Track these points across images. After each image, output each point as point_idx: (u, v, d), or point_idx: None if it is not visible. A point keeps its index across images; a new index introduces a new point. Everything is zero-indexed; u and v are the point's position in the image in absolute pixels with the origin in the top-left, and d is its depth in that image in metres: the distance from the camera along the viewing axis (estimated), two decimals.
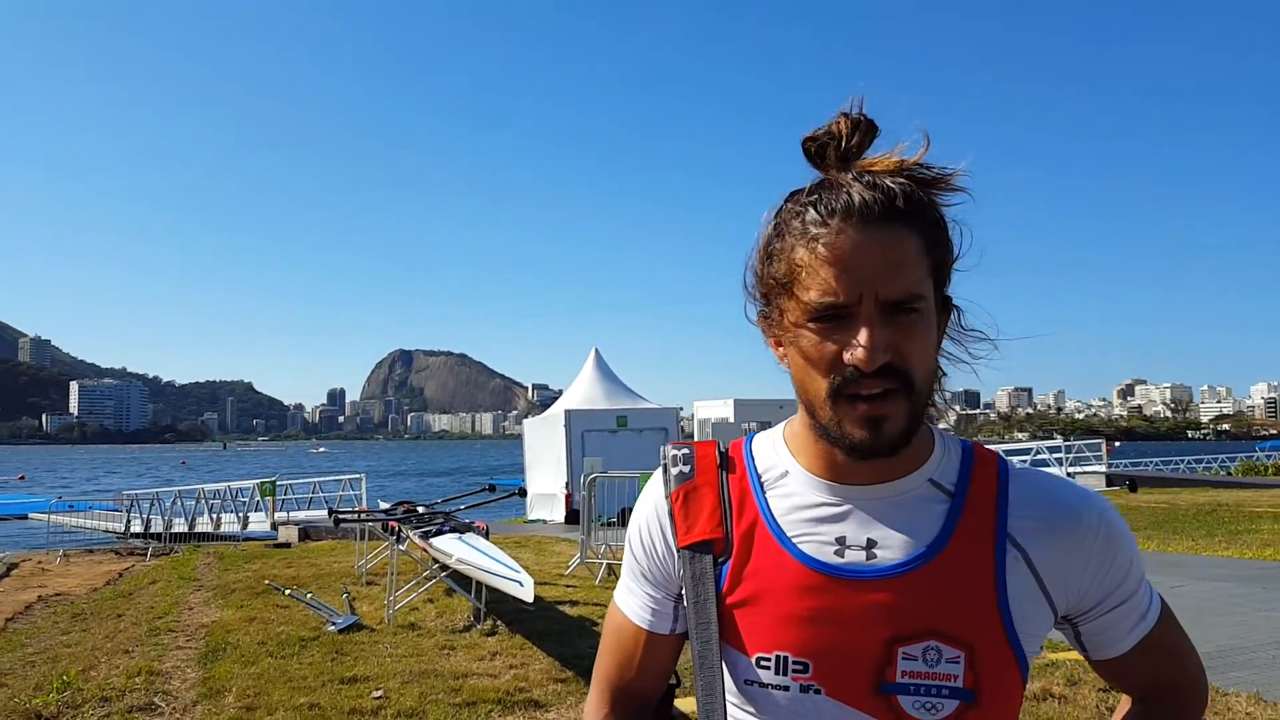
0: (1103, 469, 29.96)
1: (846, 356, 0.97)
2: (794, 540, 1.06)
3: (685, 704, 1.20)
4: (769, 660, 1.05)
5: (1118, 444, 40.64)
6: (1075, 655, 5.35)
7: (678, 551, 1.13)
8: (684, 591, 1.12)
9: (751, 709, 1.08)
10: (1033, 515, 1.05)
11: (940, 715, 1.01)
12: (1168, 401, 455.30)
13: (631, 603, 1.21)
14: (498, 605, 7.93)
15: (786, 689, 1.04)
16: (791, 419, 1.14)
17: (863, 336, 0.96)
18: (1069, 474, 29.19)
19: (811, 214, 1.00)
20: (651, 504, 1.18)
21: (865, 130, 1.03)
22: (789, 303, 1.02)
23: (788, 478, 1.10)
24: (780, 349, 1.07)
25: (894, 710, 1.01)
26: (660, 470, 1.18)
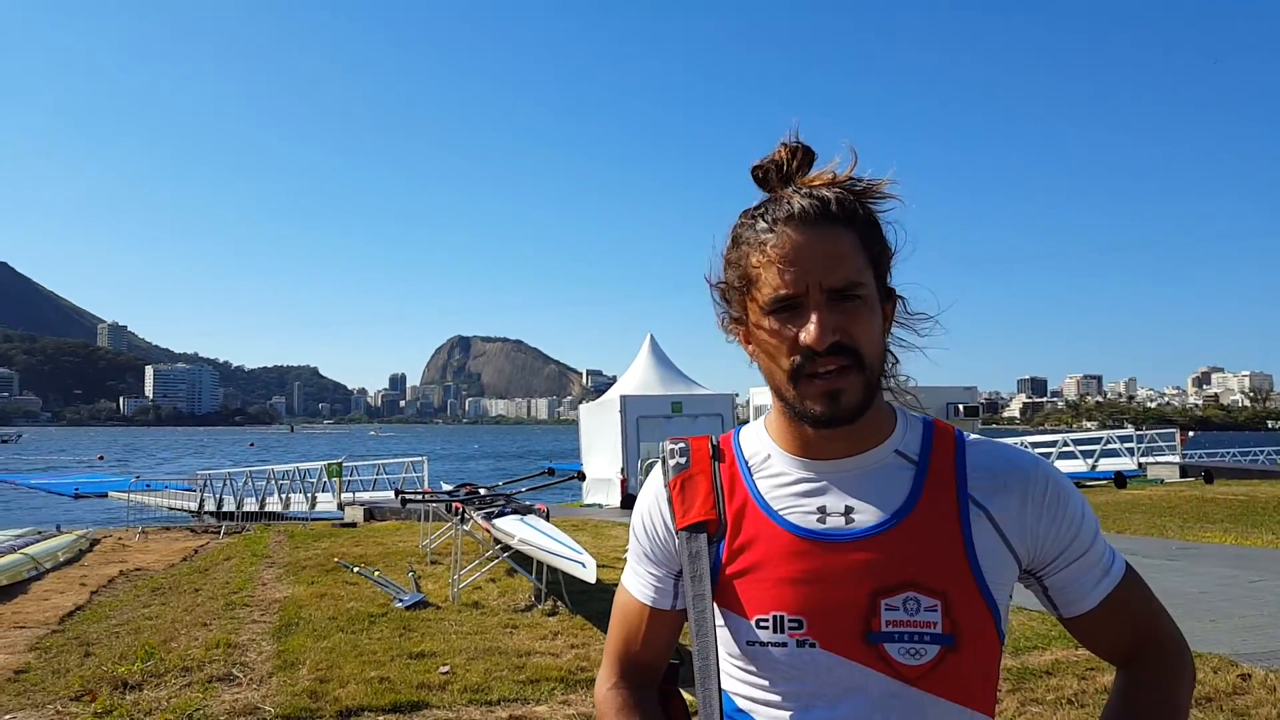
0: (1177, 459, 28.97)
1: (801, 339, 1.11)
2: (781, 513, 1.19)
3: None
4: (767, 621, 1.16)
5: (1192, 434, 39.36)
6: None
7: (676, 533, 1.26)
8: (683, 569, 1.25)
9: (754, 668, 1.19)
10: (988, 476, 1.18)
11: (924, 660, 1.12)
12: (1246, 390, 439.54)
13: (636, 583, 1.34)
14: (557, 586, 8.04)
15: (784, 645, 1.16)
16: (770, 411, 1.27)
17: (812, 320, 1.10)
18: (1140, 464, 28.44)
19: (760, 224, 1.17)
20: (652, 493, 1.32)
21: (803, 155, 1.19)
22: (750, 303, 1.18)
23: (770, 460, 1.24)
24: (750, 346, 1.21)
25: (883, 658, 1.13)
26: (660, 463, 1.33)
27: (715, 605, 1.22)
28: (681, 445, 1.32)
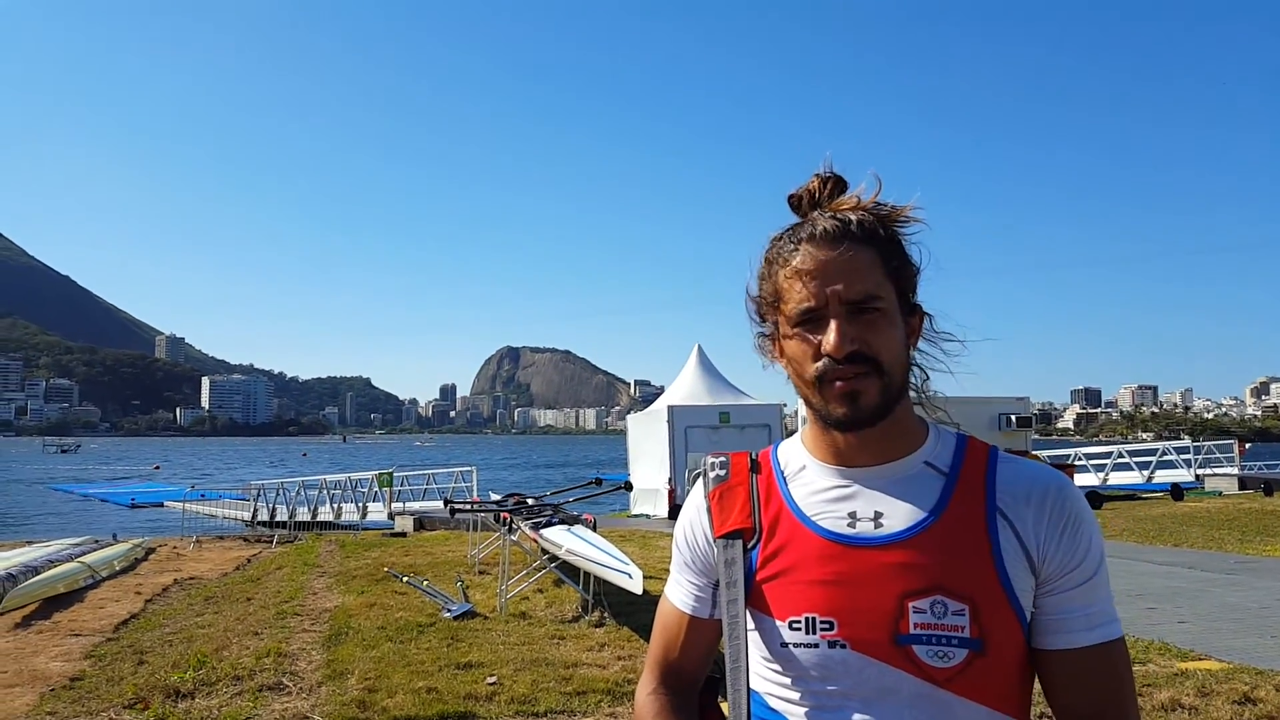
0: (1235, 471, 28.22)
1: (822, 347, 1.18)
2: (813, 519, 1.25)
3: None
4: (799, 622, 1.21)
5: (1249, 445, 38.31)
6: (1206, 665, 5.14)
7: (714, 541, 1.32)
8: (719, 575, 1.30)
9: (787, 669, 1.23)
10: (1015, 488, 1.22)
11: (953, 663, 1.15)
12: None
13: (676, 592, 1.40)
14: (604, 598, 8.02)
15: (816, 646, 1.19)
16: (807, 424, 1.33)
17: (832, 328, 1.18)
18: (1197, 476, 27.75)
19: (787, 245, 1.26)
20: (694, 505, 1.39)
21: (834, 185, 1.28)
22: (780, 319, 1.26)
23: (805, 470, 1.30)
24: (782, 359, 1.29)
25: (911, 659, 1.16)
26: (701, 477, 1.40)
27: (750, 609, 1.26)
28: (722, 459, 1.38)
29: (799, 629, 1.20)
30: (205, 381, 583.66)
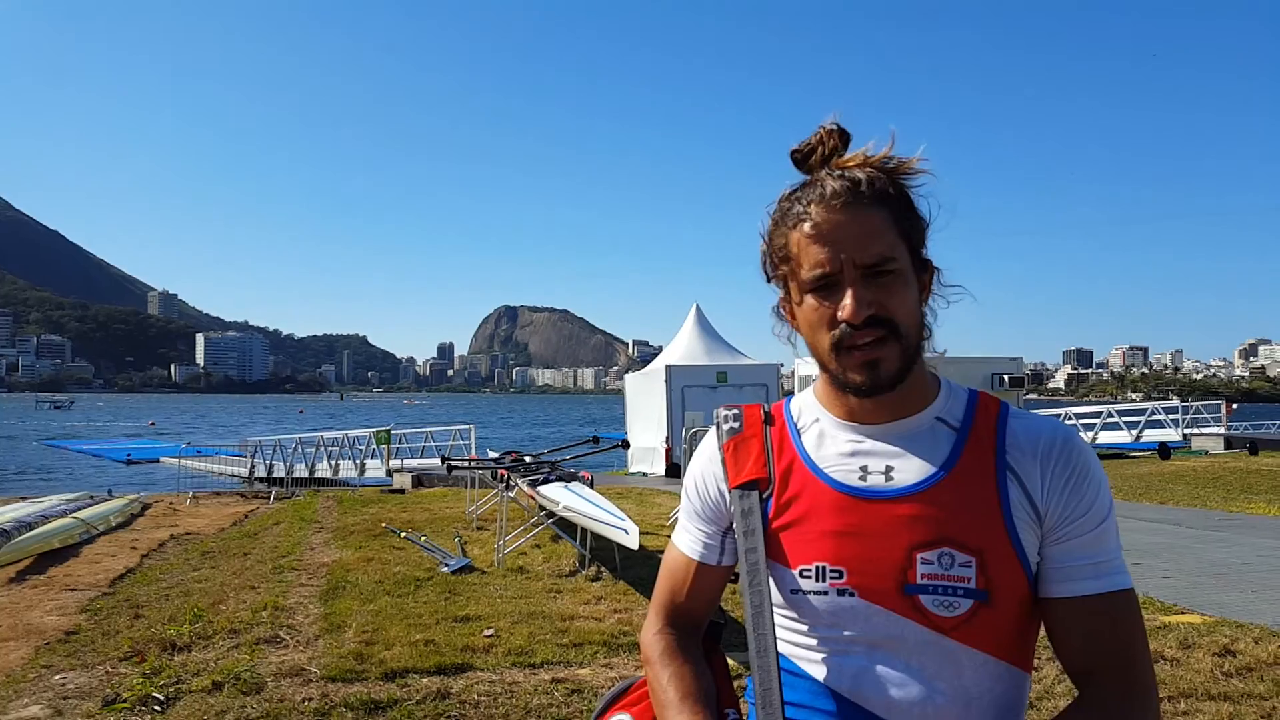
0: (1221, 431, 28.47)
1: (839, 314, 1.18)
2: (826, 471, 1.27)
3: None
4: (810, 570, 1.24)
5: (1236, 406, 38.61)
6: (1189, 619, 5.19)
7: (729, 492, 1.34)
8: (735, 524, 1.32)
9: (797, 616, 1.26)
10: (1024, 443, 1.23)
11: (958, 612, 1.18)
12: None
13: (685, 539, 1.42)
14: (601, 553, 8.09)
15: (825, 593, 1.23)
16: (819, 379, 1.34)
17: (849, 295, 1.17)
18: (1185, 435, 27.95)
19: (797, 207, 1.23)
20: (706, 455, 1.41)
21: (839, 138, 1.26)
22: (792, 283, 1.26)
23: (818, 423, 1.32)
24: (795, 322, 1.29)
25: (918, 608, 1.18)
26: (714, 428, 1.41)
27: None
28: (735, 411, 1.40)
29: (809, 577, 1.23)
30: (200, 338, 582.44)
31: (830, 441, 1.29)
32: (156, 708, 4.39)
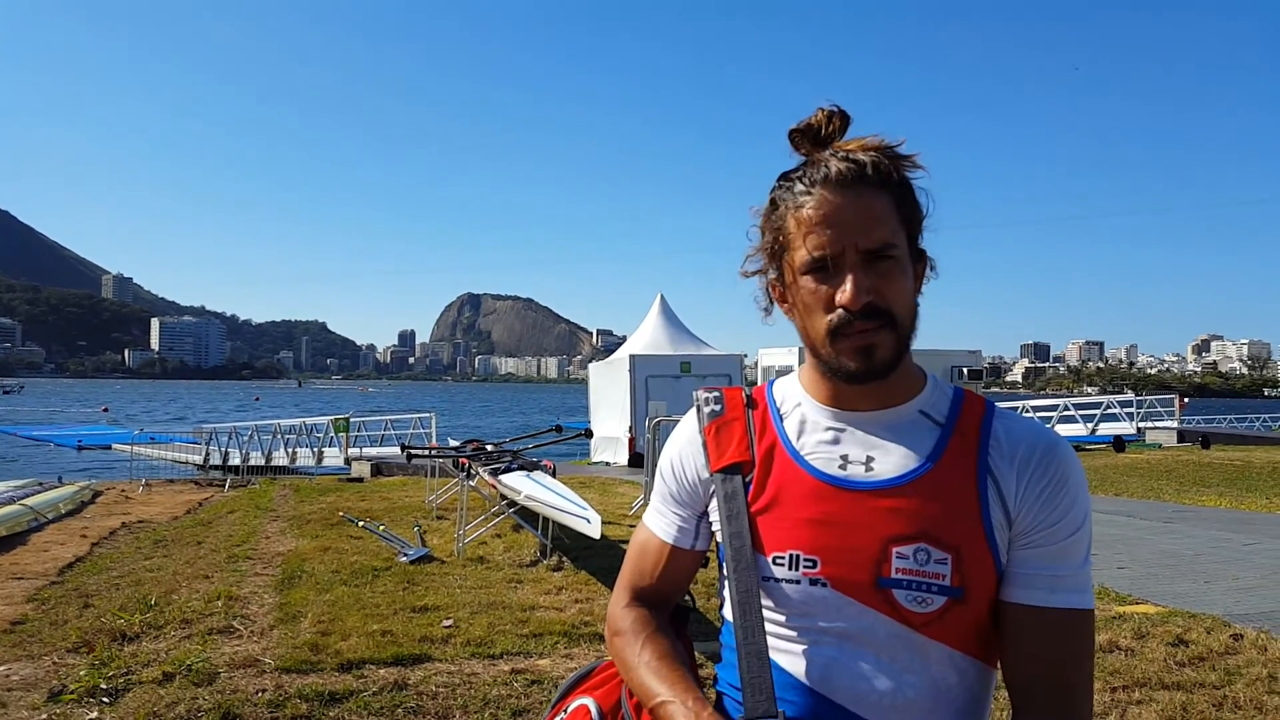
0: (1174, 425, 29.15)
1: (837, 299, 1.15)
2: (805, 457, 1.25)
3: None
4: (784, 558, 1.21)
5: (1189, 400, 39.56)
6: (1143, 609, 5.28)
7: (710, 475, 1.31)
8: (717, 509, 1.29)
9: (769, 603, 1.24)
10: (1008, 448, 1.21)
11: (931, 609, 1.16)
12: (1244, 358, 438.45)
13: (659, 522, 1.39)
14: (563, 542, 8.05)
15: (798, 582, 1.20)
16: (804, 364, 1.32)
17: (849, 281, 1.15)
18: (1139, 429, 28.52)
19: (799, 186, 1.20)
20: (685, 437, 1.38)
21: (840, 119, 1.23)
22: (786, 265, 1.22)
23: (800, 408, 1.30)
24: (785, 304, 1.27)
25: (890, 602, 1.17)
26: (694, 410, 1.38)
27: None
28: (716, 394, 1.38)
29: (783, 564, 1.21)
30: (155, 323, 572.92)
31: (811, 428, 1.27)
32: (105, 699, 4.29)
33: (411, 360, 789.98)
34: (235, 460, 23.31)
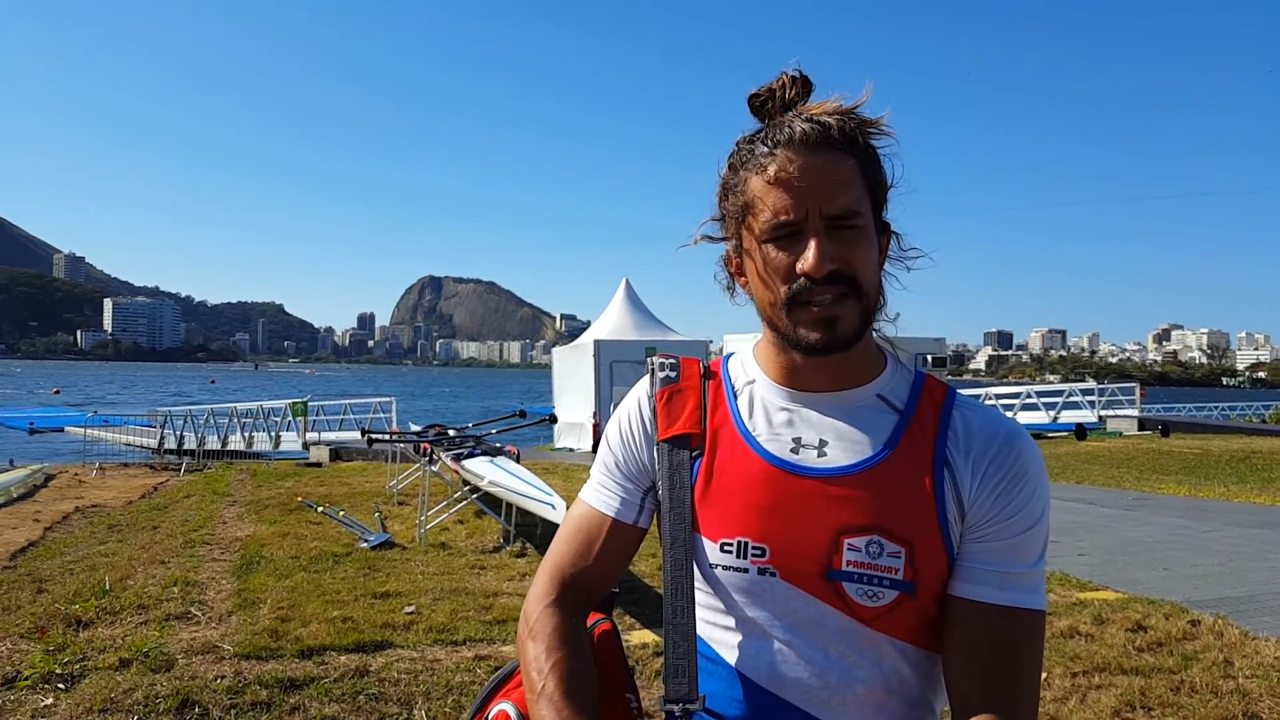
0: (1135, 413, 29.65)
1: (799, 267, 1.09)
2: (757, 439, 1.19)
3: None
4: (731, 545, 1.16)
5: (1149, 389, 40.30)
6: (1103, 595, 5.35)
7: (657, 445, 1.25)
8: (660, 482, 1.23)
9: (714, 592, 1.18)
10: (965, 437, 1.16)
11: (882, 602, 1.12)
12: (1204, 347, 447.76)
13: (599, 495, 1.29)
14: (526, 528, 8.00)
15: (745, 571, 1.15)
16: (760, 339, 1.25)
17: (811, 247, 1.08)
18: (1100, 417, 28.98)
19: (761, 147, 1.14)
20: (635, 402, 1.30)
21: (802, 85, 1.17)
22: (746, 231, 1.16)
23: (754, 385, 1.24)
24: (741, 278, 1.20)
25: (840, 595, 1.12)
26: (647, 375, 1.31)
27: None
28: (671, 361, 1.31)
29: (730, 552, 1.16)
30: (107, 303, 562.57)
31: (764, 407, 1.21)
32: (60, 686, 4.20)
33: (371, 343, 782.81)
34: (191, 444, 22.93)
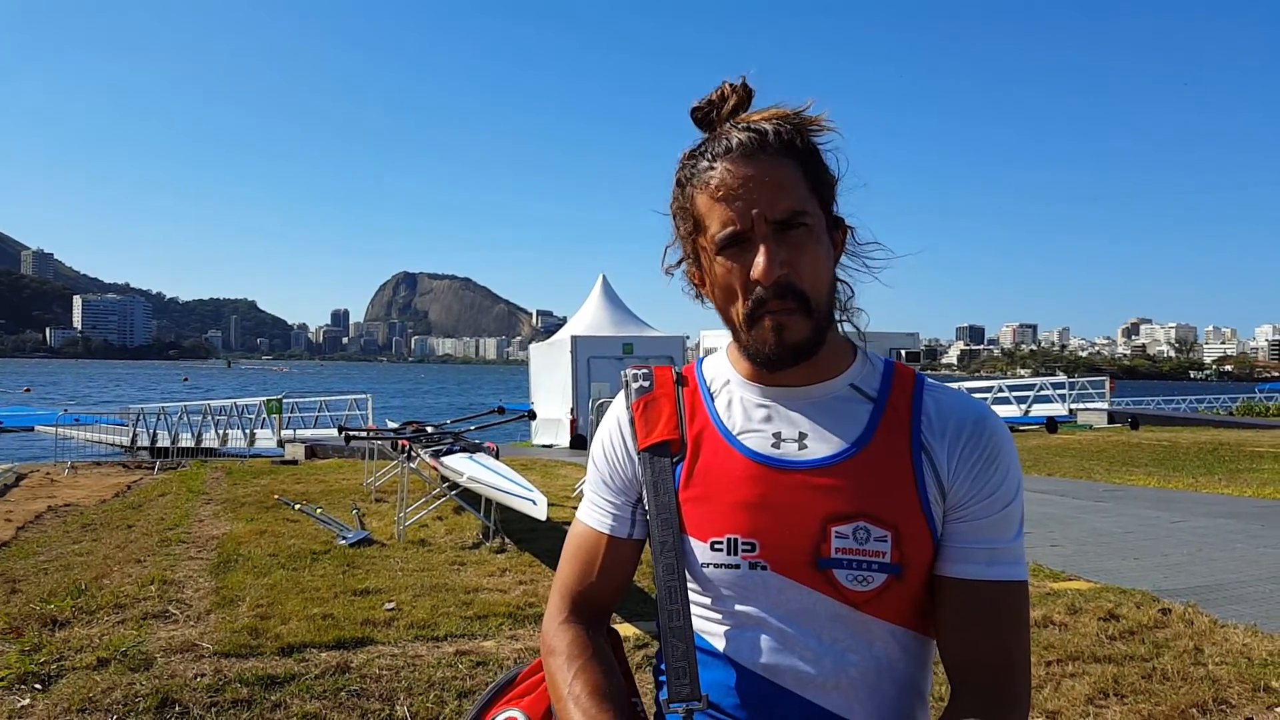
0: (1105, 406, 29.96)
1: (751, 274, 1.12)
2: (738, 437, 1.22)
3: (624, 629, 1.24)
4: (721, 543, 1.18)
5: (1118, 382, 40.72)
6: (1075, 585, 5.42)
7: (638, 455, 1.27)
8: (644, 491, 1.26)
9: (707, 590, 1.21)
10: (938, 419, 1.20)
11: (871, 586, 1.15)
12: (1172, 341, 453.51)
13: (593, 514, 1.33)
14: (505, 525, 8.00)
15: (737, 567, 1.18)
16: (731, 341, 1.28)
17: (760, 254, 1.11)
18: (1071, 410, 29.30)
19: (702, 162, 1.17)
20: (614, 417, 1.34)
21: (742, 94, 1.20)
22: (701, 246, 1.19)
23: (730, 386, 1.27)
24: (705, 288, 1.23)
25: (831, 582, 1.15)
26: (623, 389, 1.34)
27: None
28: (645, 370, 1.34)
29: (720, 550, 1.18)
30: (77, 301, 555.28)
31: (741, 406, 1.24)
32: (37, 686, 4.16)
33: (345, 340, 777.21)
34: (164, 442, 22.73)
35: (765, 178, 1.12)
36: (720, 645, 1.21)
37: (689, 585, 1.22)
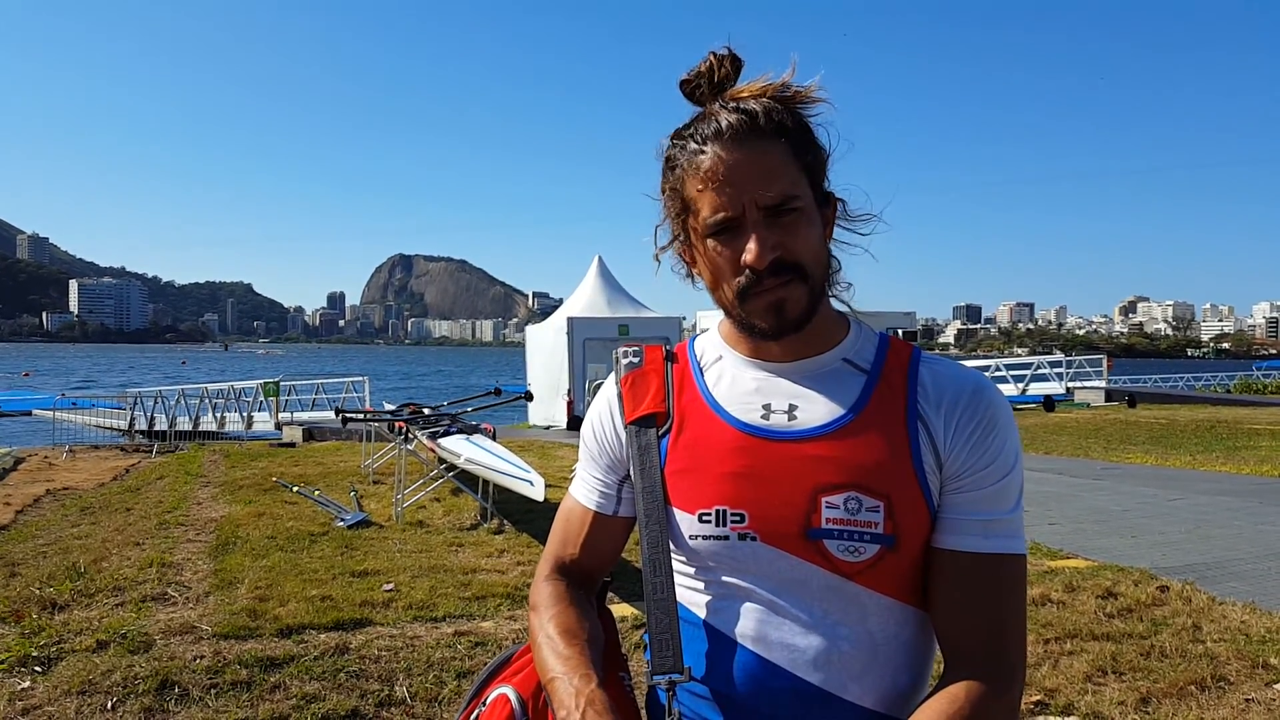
0: (1102, 384, 30.06)
1: (743, 260, 1.11)
2: (726, 409, 1.21)
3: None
4: (710, 515, 1.17)
5: (1116, 360, 40.84)
6: (1073, 563, 5.42)
7: (625, 429, 1.27)
8: (631, 464, 1.25)
9: (696, 562, 1.21)
10: (934, 392, 1.18)
11: (863, 557, 1.13)
12: (1169, 319, 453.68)
13: (581, 489, 1.35)
14: (503, 506, 8.00)
15: (726, 538, 1.16)
16: (724, 318, 1.27)
17: (752, 241, 1.11)
18: (1068, 388, 29.36)
19: (691, 145, 1.15)
20: (604, 394, 1.34)
21: (731, 64, 1.18)
22: (691, 228, 1.18)
23: (721, 361, 1.26)
24: (695, 269, 1.23)
25: (822, 553, 1.14)
26: (613, 366, 1.34)
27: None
28: (635, 348, 1.34)
29: (709, 521, 1.17)
30: (73, 285, 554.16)
31: (732, 379, 1.23)
32: (38, 669, 4.16)
33: (342, 323, 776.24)
34: (162, 425, 22.71)
35: (756, 163, 1.11)
36: (710, 619, 1.20)
37: (676, 558, 1.22)
